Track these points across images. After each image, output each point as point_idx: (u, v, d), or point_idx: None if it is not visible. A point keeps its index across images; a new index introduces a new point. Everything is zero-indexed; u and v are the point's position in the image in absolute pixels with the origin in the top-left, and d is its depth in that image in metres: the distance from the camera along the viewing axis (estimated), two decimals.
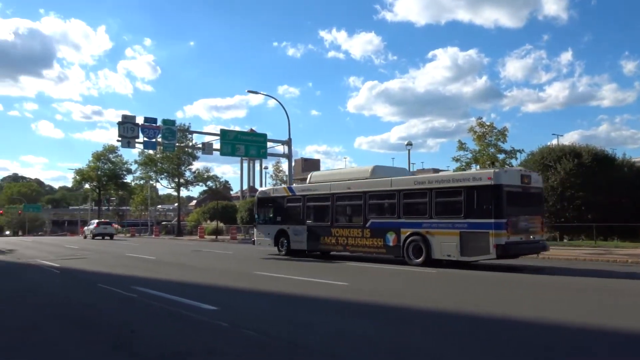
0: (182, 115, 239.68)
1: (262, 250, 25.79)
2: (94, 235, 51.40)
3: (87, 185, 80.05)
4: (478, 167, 24.60)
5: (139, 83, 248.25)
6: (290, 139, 37.14)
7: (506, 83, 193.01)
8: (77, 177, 76.49)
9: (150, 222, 69.74)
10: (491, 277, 14.59)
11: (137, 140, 31.95)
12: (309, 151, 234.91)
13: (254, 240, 25.80)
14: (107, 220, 61.17)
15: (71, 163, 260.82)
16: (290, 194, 23.43)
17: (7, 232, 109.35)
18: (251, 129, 37.54)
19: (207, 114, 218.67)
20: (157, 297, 10.59)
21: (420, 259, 17.46)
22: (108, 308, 9.73)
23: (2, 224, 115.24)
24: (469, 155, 28.80)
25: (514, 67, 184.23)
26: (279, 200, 23.81)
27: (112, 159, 75.08)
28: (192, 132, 41.62)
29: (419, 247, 17.55)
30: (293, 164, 39.11)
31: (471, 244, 16.11)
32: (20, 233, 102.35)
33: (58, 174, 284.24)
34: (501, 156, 24.83)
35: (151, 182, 66.53)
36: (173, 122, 33.82)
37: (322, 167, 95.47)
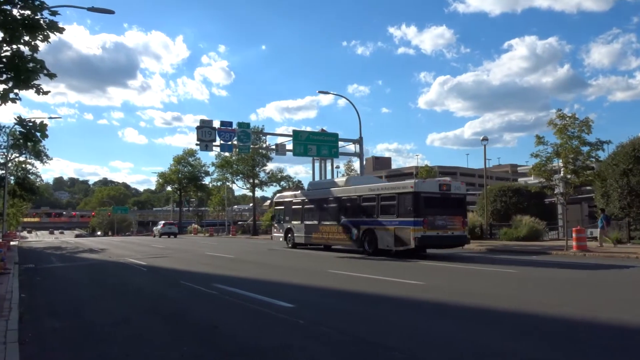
0: (255, 118, 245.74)
1: (335, 249, 25.94)
2: (161, 234, 56.94)
3: (169, 188, 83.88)
4: (560, 161, 23.42)
5: (214, 88, 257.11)
6: (361, 138, 36.75)
7: (591, 71, 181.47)
8: (160, 180, 79.45)
9: (227, 222, 72.00)
10: (576, 276, 13.78)
11: (214, 143, 32.68)
12: (380, 149, 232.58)
13: (272, 236, 30.73)
14: (172, 222, 66.31)
15: (154, 167, 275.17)
16: (294, 198, 28.51)
17: (99, 233, 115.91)
18: (322, 129, 37.46)
19: (279, 116, 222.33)
20: (236, 294, 10.90)
21: (371, 249, 21.70)
22: (191, 304, 10.12)
23: (94, 225, 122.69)
24: (550, 150, 27.38)
25: (599, 54, 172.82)
26: (287, 204, 28.91)
27: (192, 162, 77.32)
28: (265, 134, 42.35)
29: (371, 240, 21.89)
30: (364, 162, 38.74)
31: (400, 237, 20.34)
32: (109, 233, 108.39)
33: (142, 178, 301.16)
34: (585, 149, 23.38)
35: (228, 183, 67.98)
36: (247, 125, 34.46)
37: (393, 165, 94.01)
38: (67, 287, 13.79)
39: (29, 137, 10.45)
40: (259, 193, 74.63)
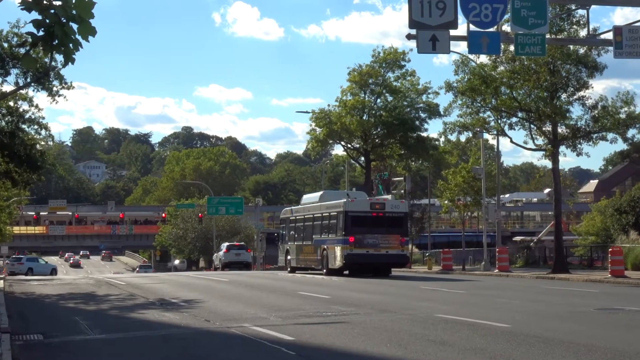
0: None
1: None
2: (224, 266, 37.30)
3: (338, 149, 41.35)
4: None
5: None
6: None
7: None
8: (318, 130, 37.48)
9: (485, 234, 32.24)
10: None
11: (451, 32, 15.71)
12: None
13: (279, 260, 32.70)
14: (241, 243, 42.38)
15: (300, 100, 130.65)
16: (290, 215, 29.76)
17: (177, 262, 59.65)
18: None
19: None
20: None
21: (325, 269, 24.96)
22: None
23: (164, 243, 59.70)
24: None
25: None
26: (287, 220, 30.10)
27: (393, 83, 36.84)
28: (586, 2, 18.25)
29: (327, 260, 24.86)
30: None
31: (337, 256, 24.04)
32: (203, 263, 56.44)
33: (274, 126, 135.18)
34: None
35: (486, 134, 30.05)
36: None
37: None
38: None
39: (56, 35, 4.61)
40: (568, 161, 29.53)
